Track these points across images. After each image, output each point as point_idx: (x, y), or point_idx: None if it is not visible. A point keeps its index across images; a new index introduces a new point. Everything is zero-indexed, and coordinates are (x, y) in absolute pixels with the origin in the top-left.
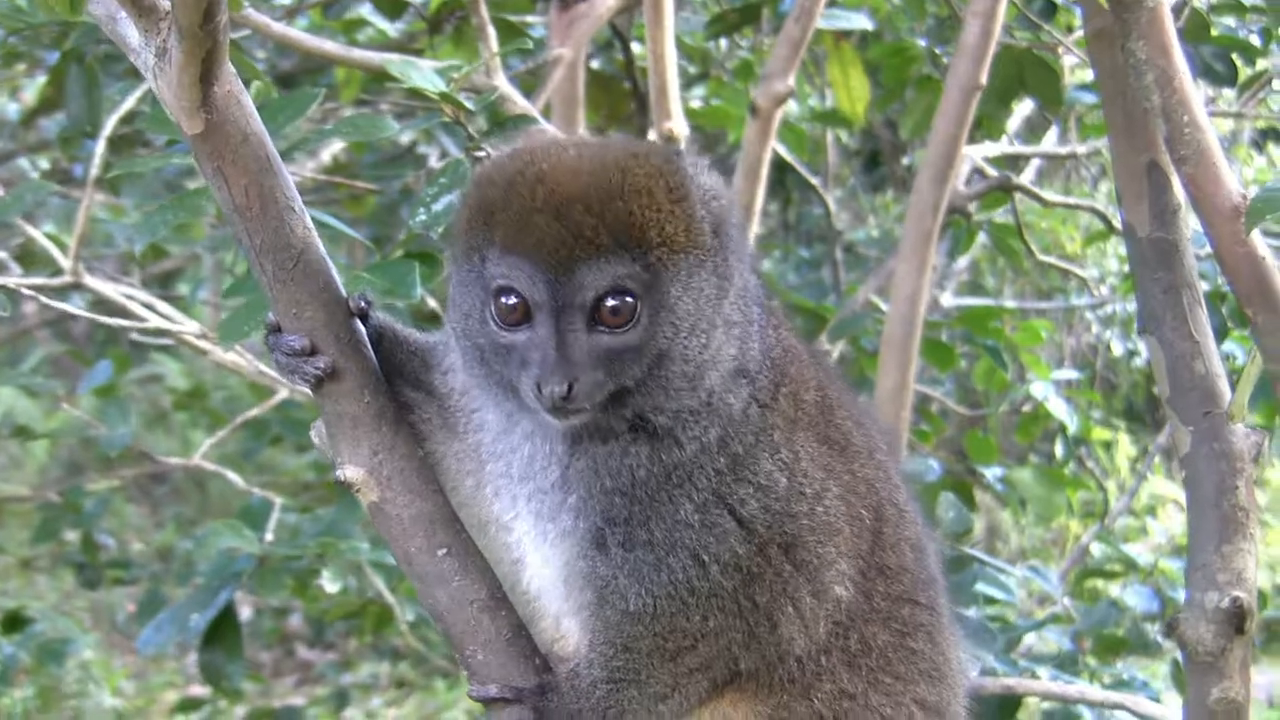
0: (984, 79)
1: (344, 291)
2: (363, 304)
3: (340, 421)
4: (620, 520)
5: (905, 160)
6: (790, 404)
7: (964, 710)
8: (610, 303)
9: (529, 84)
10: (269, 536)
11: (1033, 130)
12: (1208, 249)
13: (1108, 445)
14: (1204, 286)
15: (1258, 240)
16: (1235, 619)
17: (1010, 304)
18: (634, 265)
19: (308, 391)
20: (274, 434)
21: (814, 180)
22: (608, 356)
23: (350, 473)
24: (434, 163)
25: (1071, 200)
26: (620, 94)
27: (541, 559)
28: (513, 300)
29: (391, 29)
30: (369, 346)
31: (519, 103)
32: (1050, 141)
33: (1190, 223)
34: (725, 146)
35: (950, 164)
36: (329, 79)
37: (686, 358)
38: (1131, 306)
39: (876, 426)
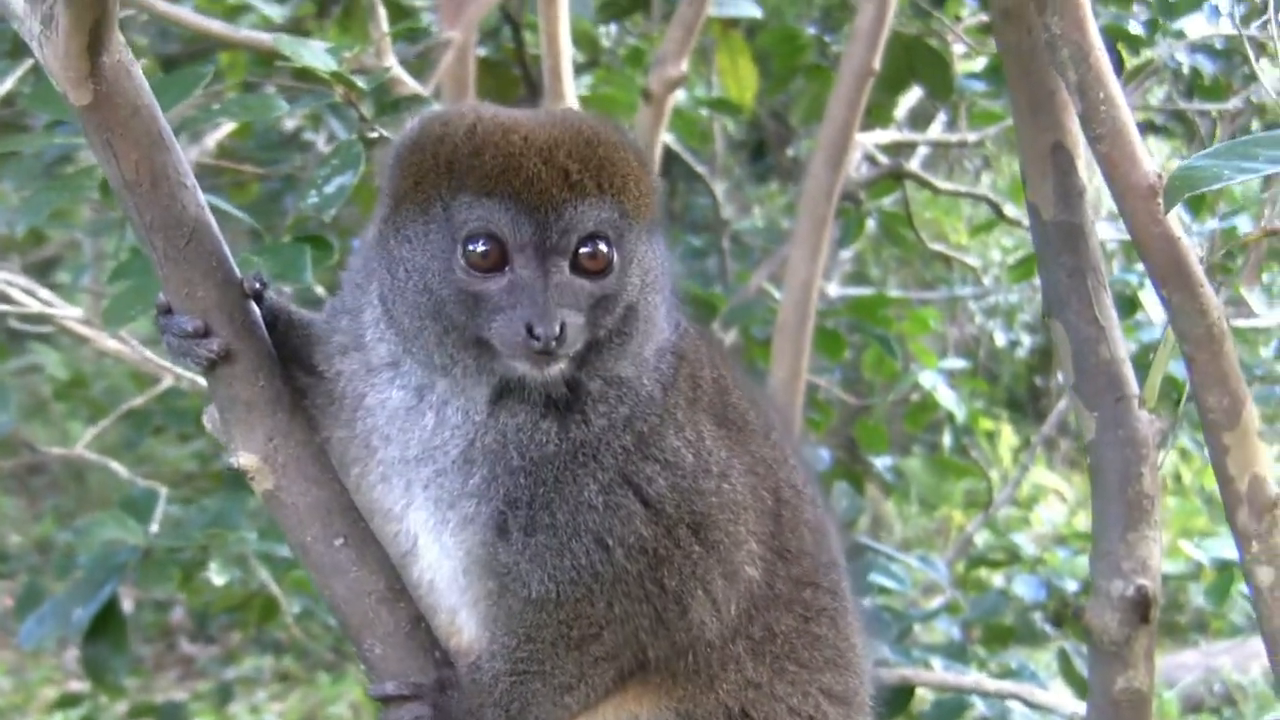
0: (878, 64)
1: (238, 272)
2: (257, 285)
3: (234, 406)
4: (523, 503)
5: (791, 150)
6: (689, 384)
7: (869, 697)
8: (592, 247)
9: (417, 68)
10: (154, 528)
11: (916, 120)
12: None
13: (990, 435)
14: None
15: (1173, 220)
16: (1140, 608)
17: (895, 294)
18: (612, 212)
19: (199, 376)
20: (156, 424)
21: (700, 169)
22: (587, 303)
23: (244, 459)
24: (322, 147)
25: (964, 189)
26: (508, 80)
27: (440, 550)
28: (486, 245)
29: (276, 14)
30: (263, 329)
31: (410, 84)
32: (937, 131)
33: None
34: None
35: (844, 150)
36: (213, 64)
37: (648, 316)
38: (1014, 297)
39: (771, 407)
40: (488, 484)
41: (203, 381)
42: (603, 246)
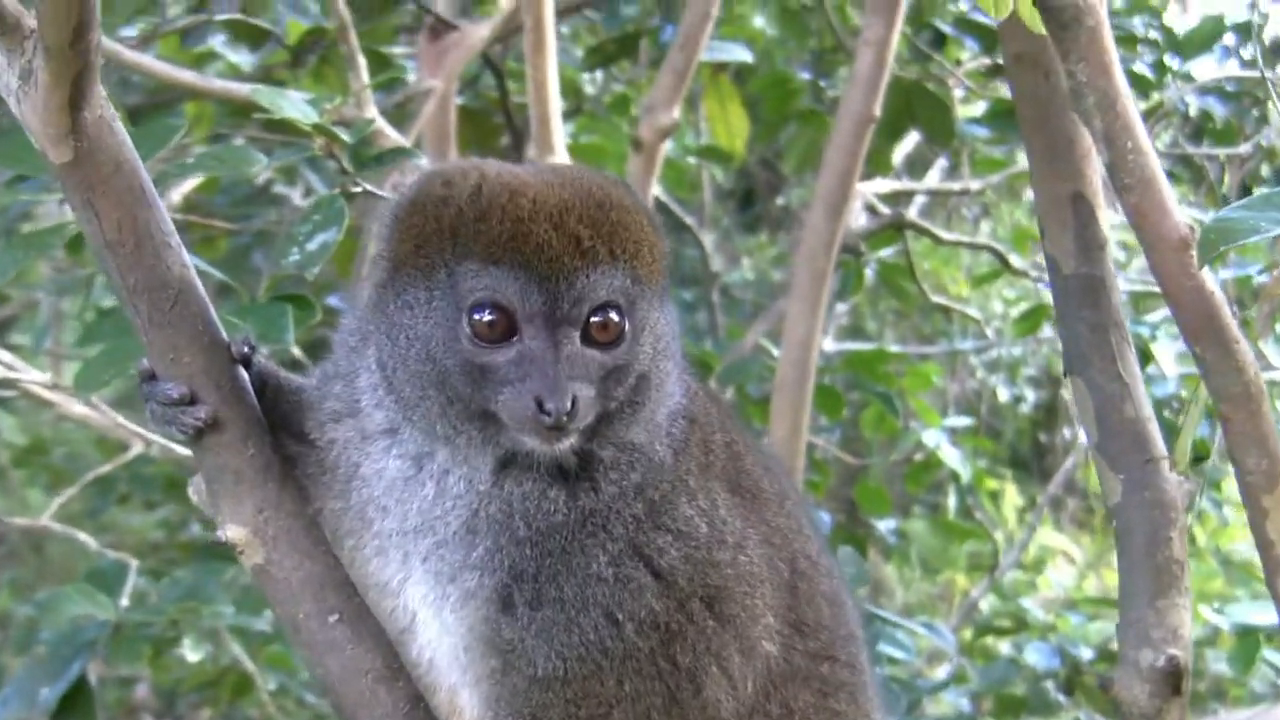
0: (878, 110)
1: (225, 335)
2: (245, 349)
3: (222, 476)
4: (529, 575)
5: (781, 199)
6: (701, 450)
7: None
8: (603, 317)
9: (396, 118)
10: (124, 602)
11: (913, 167)
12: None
13: (994, 495)
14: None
15: (1207, 273)
16: (1172, 679)
17: (894, 348)
18: (625, 279)
19: (184, 445)
20: (121, 492)
21: (688, 220)
22: (599, 374)
23: (233, 532)
24: (299, 201)
25: (967, 239)
26: (490, 129)
27: (440, 627)
28: (493, 315)
29: (245, 62)
30: (252, 395)
31: (391, 136)
32: (934, 178)
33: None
34: None
35: (843, 199)
36: (176, 116)
37: (660, 382)
38: (1017, 351)
39: (783, 472)
40: (491, 555)
41: (176, 448)
42: (615, 316)
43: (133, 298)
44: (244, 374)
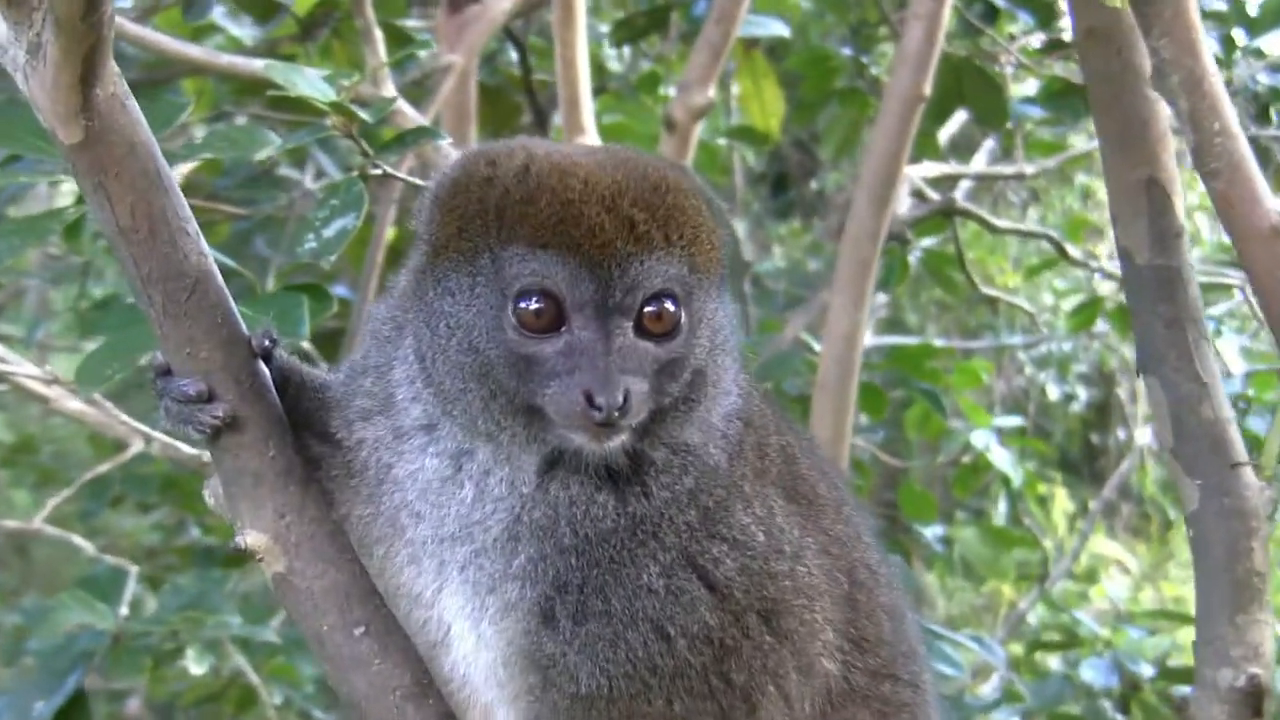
0: (928, 89)
1: (244, 329)
2: (266, 343)
3: (240, 479)
4: (573, 586)
5: (815, 183)
6: (756, 454)
7: None
8: (658, 306)
9: (413, 96)
10: (123, 610)
11: (957, 149)
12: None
13: (1042, 500)
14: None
15: None
16: (1252, 699)
17: (938, 343)
18: (681, 267)
19: (201, 446)
20: (115, 493)
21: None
22: (653, 368)
23: (252, 539)
24: (310, 185)
25: (1022, 226)
26: (509, 107)
27: (477, 640)
28: (540, 304)
29: (247, 36)
30: (273, 392)
31: (410, 115)
32: (980, 161)
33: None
34: None
35: (890, 185)
36: (174, 93)
37: (717, 379)
38: (1067, 346)
39: (840, 477)
40: (534, 565)
41: (181, 447)
42: (670, 305)
43: (147, 288)
44: (265, 370)
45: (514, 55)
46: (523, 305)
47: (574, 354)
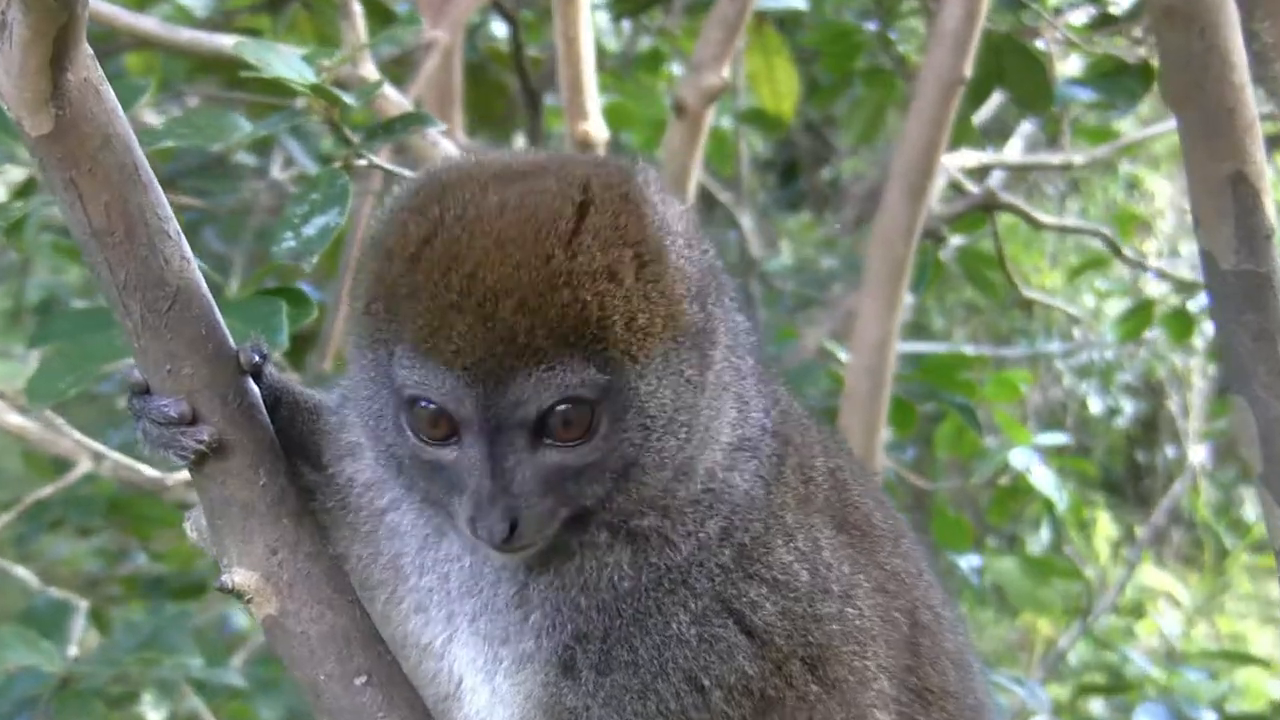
0: (969, 70)
1: (232, 343)
2: (256, 358)
3: (227, 511)
4: (595, 637)
5: (827, 172)
6: (799, 479)
7: None
8: (561, 416)
9: (390, 75)
10: (72, 650)
11: (990, 135)
12: None
13: (1083, 525)
14: None
15: None
16: None
17: (969, 350)
18: (588, 368)
19: (182, 471)
20: (54, 516)
21: (723, 197)
22: (560, 477)
23: (241, 577)
24: (277, 174)
25: (1070, 222)
26: (492, 89)
27: (491, 694)
28: (431, 412)
29: (197, 6)
30: (264, 414)
31: (393, 99)
32: (1016, 148)
33: None
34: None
35: (927, 176)
36: (115, 70)
37: (663, 462)
38: (1109, 354)
39: (893, 504)
40: (550, 620)
41: (143, 468)
42: (574, 413)
43: (123, 296)
44: (254, 388)
45: (500, 30)
46: (417, 411)
47: (465, 471)
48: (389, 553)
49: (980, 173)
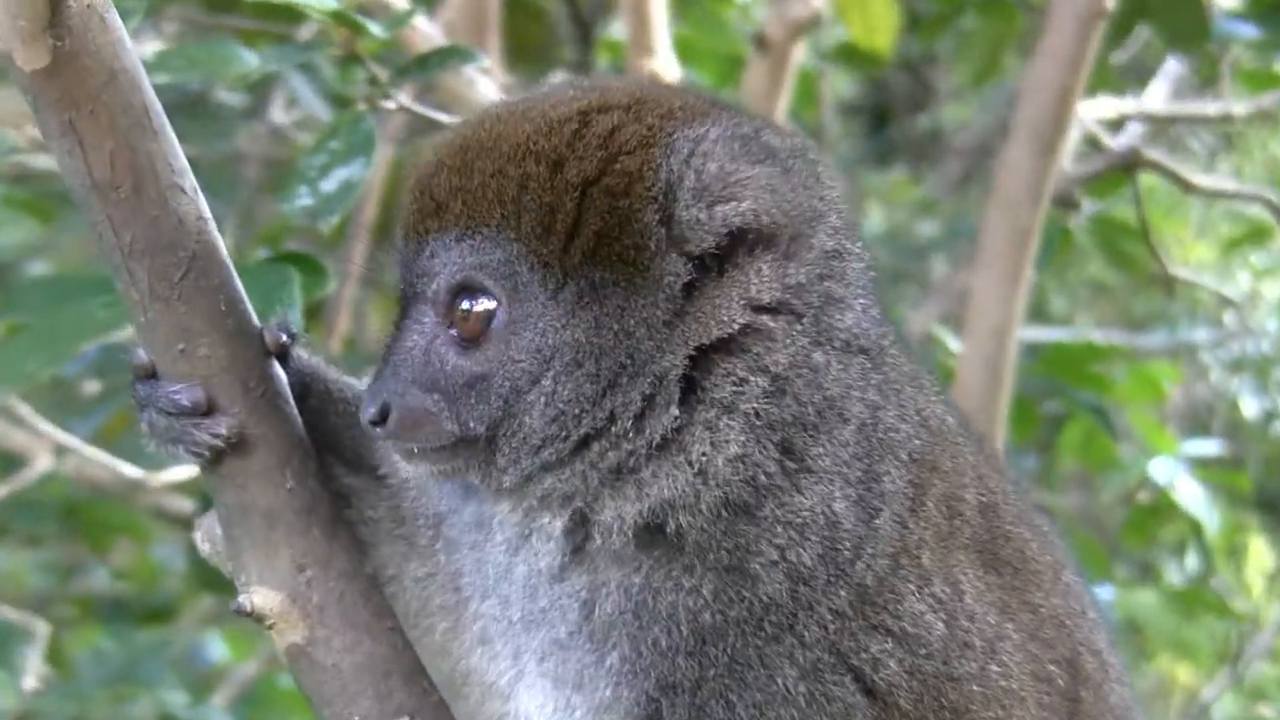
0: (1111, 2)
1: (255, 319)
2: (283, 337)
3: (247, 519)
4: (684, 688)
5: (925, 119)
6: (943, 511)
7: None
8: (460, 301)
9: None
10: (29, 681)
11: (1123, 79)
12: None
13: (1234, 552)
14: None
15: None
16: None
17: (1097, 338)
18: (495, 252)
19: (193, 468)
20: None
21: None
22: (450, 380)
23: (262, 598)
24: (280, 117)
25: (1229, 185)
26: (528, 13)
27: None
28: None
29: None
30: (292, 404)
31: (419, 28)
32: (1159, 94)
33: None
34: None
35: (1060, 130)
36: None
37: (555, 412)
38: (1269, 346)
39: (1052, 528)
40: (630, 664)
41: (121, 466)
42: (475, 303)
43: (128, 261)
44: (281, 373)
45: None
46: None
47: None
48: (447, 570)
49: (1114, 124)
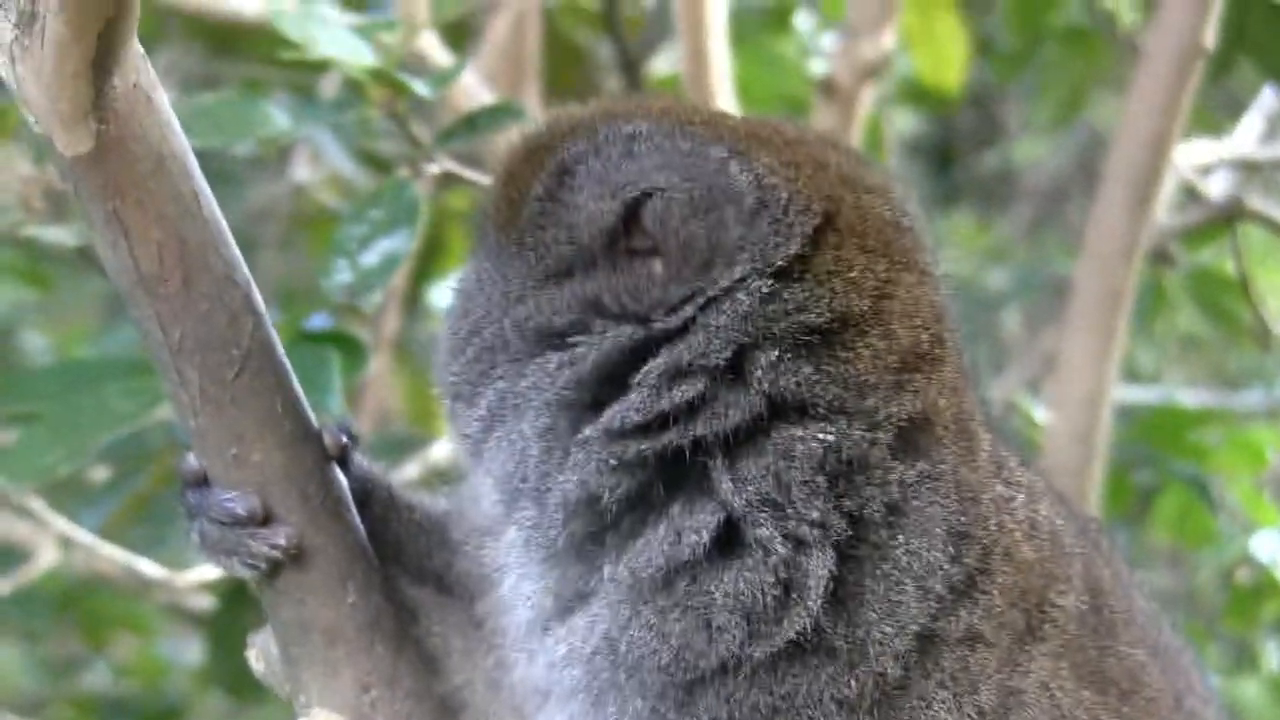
0: (1210, 38)
1: (314, 420)
2: (344, 439)
3: (306, 636)
4: None
5: (993, 158)
6: (1019, 606)
7: None
8: None
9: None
10: None
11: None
12: None
13: None
14: None
15: None
16: None
17: (1187, 397)
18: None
19: (196, 572)
20: None
21: None
22: None
23: None
24: (300, 175)
25: None
26: (566, 53)
27: None
28: None
29: None
30: (354, 512)
31: (467, 85)
32: (1254, 133)
33: None
34: None
35: (1155, 178)
36: None
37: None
38: None
39: (1175, 635)
40: None
41: (141, 565)
42: None
43: (177, 361)
44: (342, 479)
45: None
46: None
47: None
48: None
49: (1205, 168)
